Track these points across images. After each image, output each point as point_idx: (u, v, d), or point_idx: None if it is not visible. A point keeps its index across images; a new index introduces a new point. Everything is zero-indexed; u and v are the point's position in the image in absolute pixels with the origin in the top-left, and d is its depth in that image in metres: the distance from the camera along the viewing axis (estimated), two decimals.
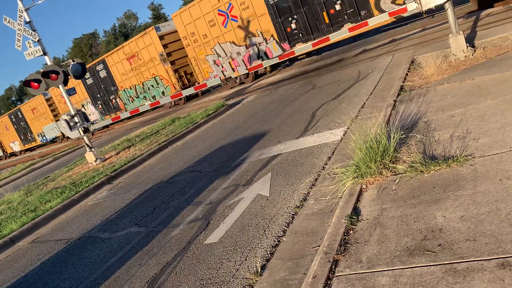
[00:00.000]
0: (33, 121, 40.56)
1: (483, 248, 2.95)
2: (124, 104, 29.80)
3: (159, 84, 26.57)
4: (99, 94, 31.33)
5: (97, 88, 31.19)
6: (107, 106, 31.34)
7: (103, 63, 29.74)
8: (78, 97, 32.74)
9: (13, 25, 13.07)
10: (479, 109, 5.50)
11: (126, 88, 29.04)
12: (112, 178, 11.15)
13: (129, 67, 27.82)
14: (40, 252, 7.34)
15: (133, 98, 28.91)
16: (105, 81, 30.22)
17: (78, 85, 29.83)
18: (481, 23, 11.34)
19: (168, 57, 25.10)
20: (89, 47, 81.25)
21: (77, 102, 32.89)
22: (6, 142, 46.68)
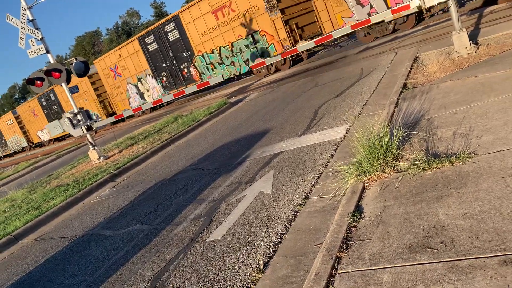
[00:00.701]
0: (69, 104, 34.72)
1: (486, 246, 2.96)
2: (200, 74, 23.87)
3: (258, 43, 20.38)
4: (165, 62, 25.32)
5: (163, 55, 25.18)
6: (174, 78, 25.44)
7: (175, 22, 23.33)
8: (134, 69, 27.74)
9: (16, 23, 13.10)
10: (482, 106, 5.49)
11: (206, 52, 22.84)
12: (115, 176, 11.18)
13: (214, 23, 21.49)
14: (44, 250, 7.38)
15: (215, 65, 22.86)
16: (175, 45, 24.13)
17: (135, 54, 26.64)
18: (485, 20, 11.30)
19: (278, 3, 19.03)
20: (92, 45, 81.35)
21: (131, 75, 28.25)
22: (32, 131, 42.10)
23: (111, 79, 30.23)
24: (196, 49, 23.21)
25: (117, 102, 30.95)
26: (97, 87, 32.39)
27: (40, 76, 13.16)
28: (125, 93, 29.77)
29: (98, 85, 32.29)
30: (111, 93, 30.96)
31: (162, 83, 26.52)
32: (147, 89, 27.88)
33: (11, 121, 44.46)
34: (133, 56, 27.16)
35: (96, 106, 32.33)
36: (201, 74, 23.81)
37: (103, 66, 30.06)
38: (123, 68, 28.57)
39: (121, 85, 29.65)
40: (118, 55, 28.38)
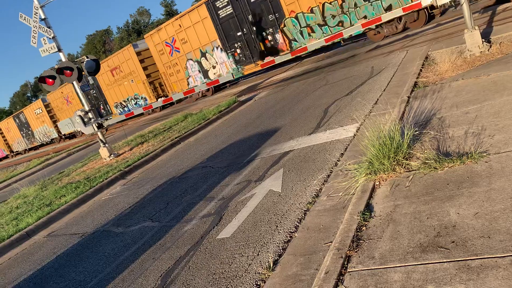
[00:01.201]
0: (112, 87, 30.43)
1: (498, 245, 2.93)
2: (290, 41, 19.36)
3: None
4: (241, 30, 20.87)
5: (238, 21, 20.59)
6: (252, 49, 20.74)
7: None
8: (198, 42, 23.08)
9: (29, 22, 13.24)
10: (494, 105, 5.43)
11: (302, 11, 18.27)
12: (126, 173, 11.27)
13: None
14: (56, 246, 7.47)
15: (313, 28, 18.41)
16: (258, 7, 19.48)
17: (201, 22, 22.17)
18: (498, 18, 11.16)
19: None
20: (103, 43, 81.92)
21: (193, 49, 23.56)
22: (64, 119, 37.35)
23: (166, 56, 25.34)
24: (288, 10, 18.62)
25: (172, 83, 26.07)
26: (147, 66, 27.67)
27: (52, 74, 13.28)
28: (183, 72, 24.98)
29: (149, 63, 27.63)
30: (164, 72, 26.11)
31: (235, 57, 21.84)
32: (213, 65, 23.25)
33: (40, 110, 39.91)
34: (198, 25, 22.54)
35: (145, 88, 28.12)
36: (291, 41, 19.31)
37: (157, 41, 25.17)
38: (183, 42, 23.82)
39: (179, 62, 24.77)
40: (178, 26, 23.57)
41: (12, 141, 48.87)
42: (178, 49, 24.41)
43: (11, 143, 49.27)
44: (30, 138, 44.52)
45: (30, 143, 45.04)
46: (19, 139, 47.03)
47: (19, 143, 47.44)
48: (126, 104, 30.42)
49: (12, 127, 46.92)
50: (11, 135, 48.27)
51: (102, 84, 31.25)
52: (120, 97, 30.53)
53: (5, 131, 48.80)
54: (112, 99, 31.40)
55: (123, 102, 30.58)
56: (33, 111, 41.29)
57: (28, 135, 44.38)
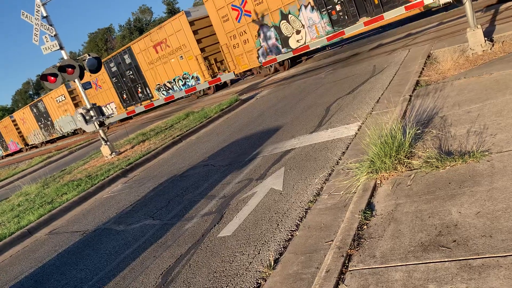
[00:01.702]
0: (155, 66, 26.19)
1: (499, 245, 2.92)
2: None
3: None
4: None
5: None
6: (359, 3, 16.17)
7: None
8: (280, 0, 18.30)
9: (31, 20, 13.24)
10: (497, 104, 5.41)
11: None
12: (127, 171, 11.27)
13: None
14: (57, 243, 7.48)
15: None
16: None
17: None
18: (500, 17, 11.12)
19: None
20: (104, 41, 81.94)
21: (270, 11, 18.91)
22: None
23: (231, 23, 20.69)
24: None
25: (237, 57, 21.57)
26: (201, 38, 23.13)
27: (54, 72, 13.30)
28: (253, 41, 20.43)
29: (203, 35, 23.11)
30: (227, 44, 21.47)
31: (331, 16, 17.21)
32: (298, 29, 18.58)
33: (63, 97, 35.70)
34: None
35: (197, 65, 23.47)
36: None
37: (221, 4, 20.49)
38: (256, 3, 19.19)
39: (249, 29, 20.21)
40: None
41: (28, 132, 45.02)
42: (249, 12, 19.73)
43: (26, 135, 45.61)
44: (49, 129, 40.75)
45: (49, 134, 41.38)
46: (36, 131, 43.05)
47: (35, 135, 43.40)
48: (172, 86, 25.83)
49: (29, 118, 42.95)
50: (27, 127, 44.51)
51: (142, 63, 26.73)
52: (164, 77, 25.93)
53: (20, 122, 45.37)
54: (154, 81, 26.89)
55: (168, 83, 26.06)
56: (54, 99, 36.75)
57: (47, 126, 40.64)
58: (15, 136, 47.43)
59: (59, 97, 36.32)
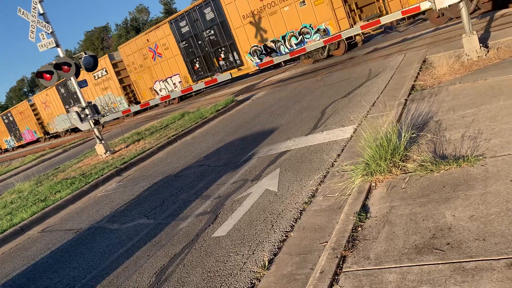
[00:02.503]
0: (254, 21, 20.14)
1: (493, 248, 2.95)
2: None
3: None
4: None
5: None
6: None
7: None
8: None
9: (27, 17, 13.19)
10: (491, 109, 5.46)
11: None
12: (122, 170, 11.24)
13: None
14: (50, 241, 7.44)
15: None
16: None
17: None
18: (495, 24, 11.23)
19: None
20: (101, 40, 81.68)
21: None
22: (143, 84, 27.66)
23: None
24: None
25: None
26: None
27: (49, 69, 13.24)
28: None
29: None
30: None
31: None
32: None
33: (104, 72, 29.49)
34: None
35: (330, 10, 17.71)
36: None
37: None
38: None
39: None
40: None
41: (50, 119, 38.65)
42: None
43: (48, 122, 39.35)
44: None
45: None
46: (61, 117, 35.74)
47: (62, 121, 35.86)
48: (278, 47, 19.77)
49: (53, 100, 36.17)
50: (49, 111, 38.14)
51: (233, 17, 20.76)
52: (269, 34, 19.86)
53: (40, 107, 39.23)
54: (249, 41, 20.84)
55: (273, 42, 19.96)
56: (91, 75, 29.72)
57: None
58: (32, 123, 41.37)
59: (99, 72, 29.33)
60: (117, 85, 28.64)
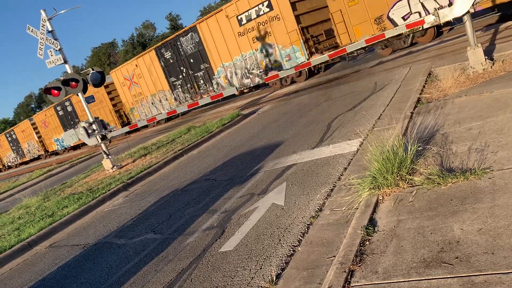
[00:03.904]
0: None
1: (502, 262, 2.93)
2: None
3: None
4: None
5: None
6: None
7: None
8: None
9: (36, 34, 13.42)
10: (497, 122, 5.46)
11: None
12: (129, 185, 11.28)
13: None
14: (57, 257, 7.45)
15: None
16: None
17: None
18: (500, 36, 11.26)
19: None
20: (108, 56, 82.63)
21: None
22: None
23: None
24: None
25: None
26: None
27: (57, 85, 13.41)
28: None
29: None
30: None
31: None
32: None
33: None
34: None
35: None
36: None
37: None
38: None
39: None
40: None
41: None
42: None
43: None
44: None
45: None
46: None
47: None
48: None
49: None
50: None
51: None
52: None
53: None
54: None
55: None
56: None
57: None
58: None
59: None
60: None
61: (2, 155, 50.74)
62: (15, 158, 48.06)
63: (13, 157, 48.32)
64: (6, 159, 50.25)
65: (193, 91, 25.12)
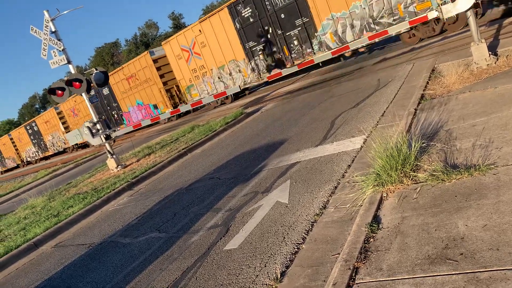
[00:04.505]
0: None
1: (507, 258, 2.92)
2: None
3: None
4: None
5: None
6: None
7: None
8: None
9: (39, 35, 13.46)
10: (502, 117, 5.43)
11: None
12: (133, 184, 11.32)
13: None
14: (63, 256, 7.50)
15: None
16: None
17: None
18: (504, 31, 11.19)
19: None
20: (111, 56, 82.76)
21: None
22: None
23: None
24: None
25: None
26: None
27: (61, 86, 13.45)
28: None
29: None
30: None
31: None
32: None
33: None
34: None
35: None
36: None
37: None
38: None
39: None
40: None
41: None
42: None
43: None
44: None
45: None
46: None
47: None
48: None
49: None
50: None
51: None
52: None
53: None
54: None
55: None
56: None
57: None
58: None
59: None
60: None
61: (21, 149, 46.83)
62: (36, 152, 44.10)
63: (34, 151, 44.48)
64: (25, 153, 46.49)
65: (280, 57, 19.82)
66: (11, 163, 51.02)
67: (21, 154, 47.29)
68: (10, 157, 50.35)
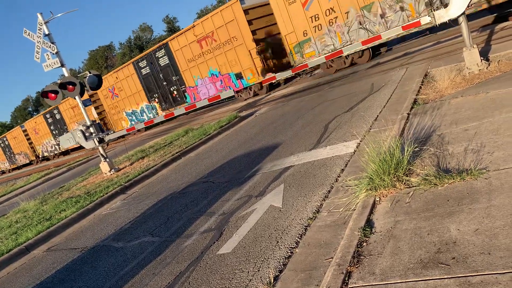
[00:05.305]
0: None
1: (498, 262, 2.94)
2: None
3: None
4: None
5: None
6: None
7: None
8: None
9: (33, 38, 13.40)
10: (493, 122, 5.48)
11: None
12: (126, 188, 11.27)
13: None
14: (55, 260, 7.44)
15: None
16: None
17: None
18: (496, 37, 11.30)
19: None
20: (105, 59, 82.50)
21: None
22: None
23: None
24: None
25: None
26: None
27: (55, 89, 13.39)
28: None
29: None
30: None
31: None
32: None
33: None
34: None
35: None
36: None
37: None
38: None
39: None
40: None
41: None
42: None
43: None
44: None
45: None
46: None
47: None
48: None
49: None
50: None
51: None
52: None
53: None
54: None
55: None
56: None
57: None
58: None
59: None
60: None
61: (36, 143, 40.20)
62: (56, 146, 37.52)
63: (53, 144, 37.87)
64: (41, 147, 39.75)
65: None
66: (23, 159, 44.60)
67: (37, 148, 41.04)
68: (21, 152, 43.98)
